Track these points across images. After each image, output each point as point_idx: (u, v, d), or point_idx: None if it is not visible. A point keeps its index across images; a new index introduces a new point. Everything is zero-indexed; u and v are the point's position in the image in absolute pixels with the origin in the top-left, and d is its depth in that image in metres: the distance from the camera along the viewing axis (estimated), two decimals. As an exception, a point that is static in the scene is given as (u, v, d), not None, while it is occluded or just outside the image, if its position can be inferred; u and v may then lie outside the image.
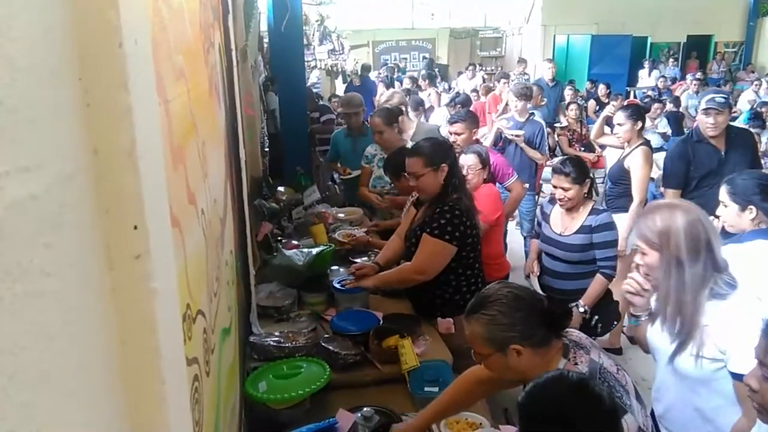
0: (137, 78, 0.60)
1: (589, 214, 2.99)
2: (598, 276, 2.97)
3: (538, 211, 3.53)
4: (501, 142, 4.86)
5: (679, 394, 1.86)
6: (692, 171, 3.52)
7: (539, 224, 3.31)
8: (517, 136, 4.75)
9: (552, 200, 3.21)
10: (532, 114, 5.09)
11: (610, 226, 2.99)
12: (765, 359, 1.36)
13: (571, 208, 3.02)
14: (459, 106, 6.18)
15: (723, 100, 3.49)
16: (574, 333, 1.67)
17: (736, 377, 1.68)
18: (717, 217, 2.51)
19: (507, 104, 6.47)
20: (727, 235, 2.50)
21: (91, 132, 0.56)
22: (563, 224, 3.07)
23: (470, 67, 12.86)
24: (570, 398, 1.25)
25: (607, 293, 3.07)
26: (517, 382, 1.74)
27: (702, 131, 3.54)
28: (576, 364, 1.52)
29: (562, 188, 2.96)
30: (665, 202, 1.92)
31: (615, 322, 3.27)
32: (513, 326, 1.52)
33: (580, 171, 2.97)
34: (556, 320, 1.58)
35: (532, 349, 1.53)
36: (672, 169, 3.63)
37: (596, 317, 3.03)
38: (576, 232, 3.00)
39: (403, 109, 4.57)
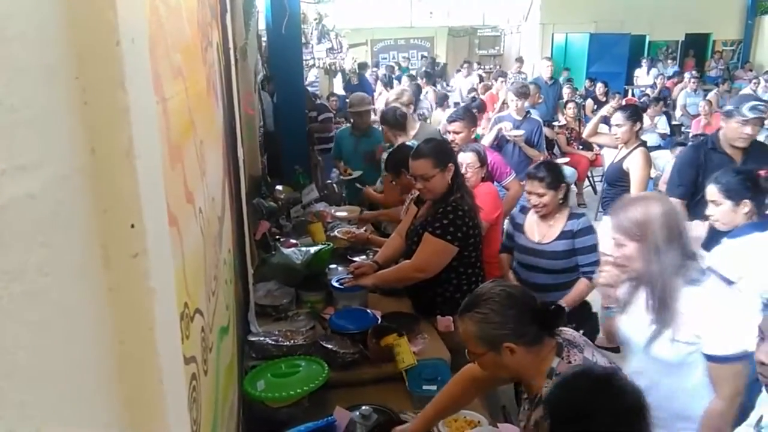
0: (135, 76, 0.60)
1: (568, 219, 2.88)
2: (583, 279, 2.88)
3: (507, 222, 3.28)
4: (498, 140, 4.87)
5: (652, 379, 1.89)
6: (701, 181, 3.10)
7: (509, 236, 3.14)
8: (517, 136, 4.78)
9: (523, 209, 3.09)
10: (529, 112, 5.11)
11: (591, 229, 2.91)
12: None
13: (546, 215, 2.88)
14: (475, 110, 6.12)
15: (765, 107, 3.15)
16: (568, 332, 1.67)
17: (711, 359, 1.77)
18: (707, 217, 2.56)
19: (504, 102, 6.45)
20: (717, 235, 2.58)
21: (89, 131, 0.56)
22: (540, 232, 2.93)
23: (465, 65, 12.52)
24: (591, 394, 1.25)
25: (586, 305, 3.00)
26: (512, 379, 1.74)
27: (723, 139, 3.19)
28: (570, 362, 1.53)
29: (537, 194, 2.83)
30: (641, 194, 2.01)
31: (597, 334, 3.25)
32: (505, 324, 1.53)
33: (554, 176, 2.84)
34: (548, 318, 1.59)
35: (525, 347, 1.53)
36: (679, 176, 3.28)
37: (581, 331, 3.00)
38: (557, 239, 2.87)
39: (411, 108, 4.58)
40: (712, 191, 2.53)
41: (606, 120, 4.92)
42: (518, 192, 3.92)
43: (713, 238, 2.61)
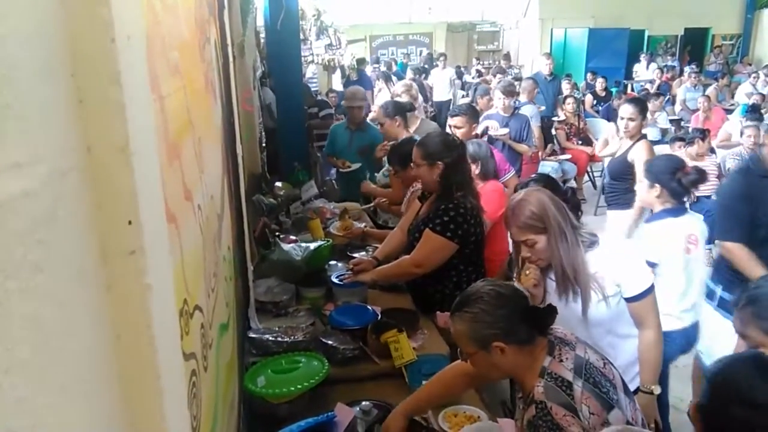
0: (130, 74, 0.60)
1: None
2: None
3: None
4: (484, 136, 4.89)
5: (596, 343, 1.95)
6: (760, 216, 2.60)
7: None
8: (503, 135, 4.80)
9: None
10: (517, 109, 5.13)
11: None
12: (745, 331, 1.72)
13: None
14: (481, 95, 6.11)
15: None
16: (560, 329, 1.66)
17: (630, 300, 1.97)
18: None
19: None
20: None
21: (85, 128, 0.56)
22: None
23: (441, 58, 11.79)
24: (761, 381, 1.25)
25: None
26: (506, 377, 1.74)
27: None
28: (561, 360, 1.52)
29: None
30: (524, 191, 2.07)
31: None
32: (495, 324, 1.52)
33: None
34: (538, 318, 1.58)
35: (516, 346, 1.52)
36: (731, 215, 2.69)
37: None
38: None
39: (414, 103, 4.56)
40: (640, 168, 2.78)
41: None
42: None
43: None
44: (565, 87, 8.62)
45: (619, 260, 1.98)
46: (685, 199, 2.67)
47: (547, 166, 6.52)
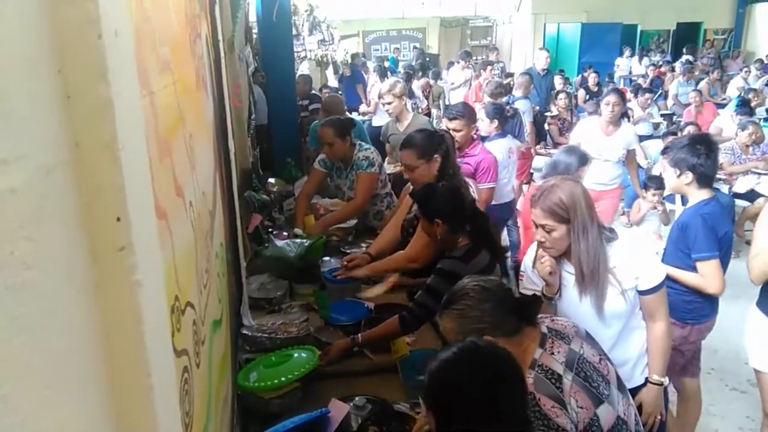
0: (118, 69, 0.60)
1: None
2: None
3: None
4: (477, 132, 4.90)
5: (614, 338, 1.99)
6: None
7: None
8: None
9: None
10: (509, 104, 5.15)
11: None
12: None
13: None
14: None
15: None
16: (561, 321, 1.68)
17: (645, 293, 1.97)
18: None
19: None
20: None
21: (72, 124, 0.56)
22: None
23: (464, 56, 11.45)
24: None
25: None
26: None
27: None
28: (552, 353, 1.54)
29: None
30: (557, 179, 2.03)
31: None
32: (482, 318, 1.54)
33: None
34: (525, 308, 1.61)
35: (505, 338, 1.53)
36: None
37: None
38: None
39: (404, 99, 4.46)
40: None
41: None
42: (488, 200, 3.63)
43: None
44: (558, 82, 8.63)
45: (637, 253, 1.99)
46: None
47: (541, 161, 6.54)
